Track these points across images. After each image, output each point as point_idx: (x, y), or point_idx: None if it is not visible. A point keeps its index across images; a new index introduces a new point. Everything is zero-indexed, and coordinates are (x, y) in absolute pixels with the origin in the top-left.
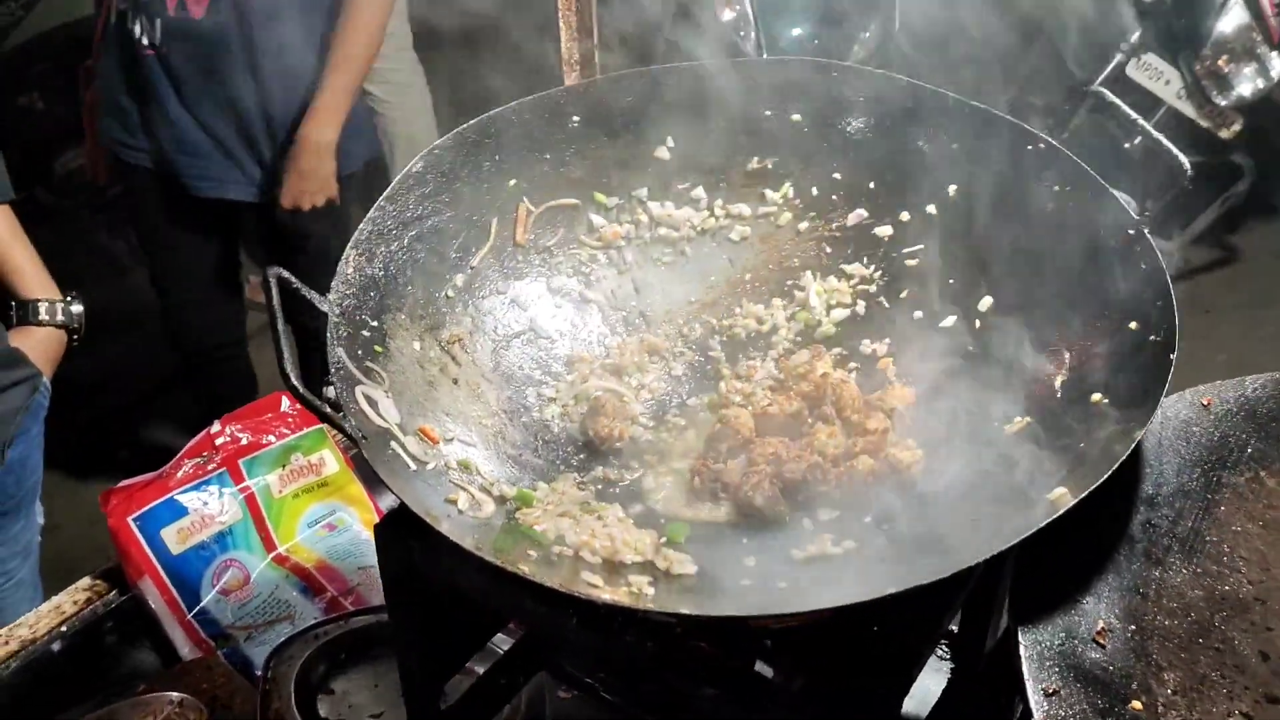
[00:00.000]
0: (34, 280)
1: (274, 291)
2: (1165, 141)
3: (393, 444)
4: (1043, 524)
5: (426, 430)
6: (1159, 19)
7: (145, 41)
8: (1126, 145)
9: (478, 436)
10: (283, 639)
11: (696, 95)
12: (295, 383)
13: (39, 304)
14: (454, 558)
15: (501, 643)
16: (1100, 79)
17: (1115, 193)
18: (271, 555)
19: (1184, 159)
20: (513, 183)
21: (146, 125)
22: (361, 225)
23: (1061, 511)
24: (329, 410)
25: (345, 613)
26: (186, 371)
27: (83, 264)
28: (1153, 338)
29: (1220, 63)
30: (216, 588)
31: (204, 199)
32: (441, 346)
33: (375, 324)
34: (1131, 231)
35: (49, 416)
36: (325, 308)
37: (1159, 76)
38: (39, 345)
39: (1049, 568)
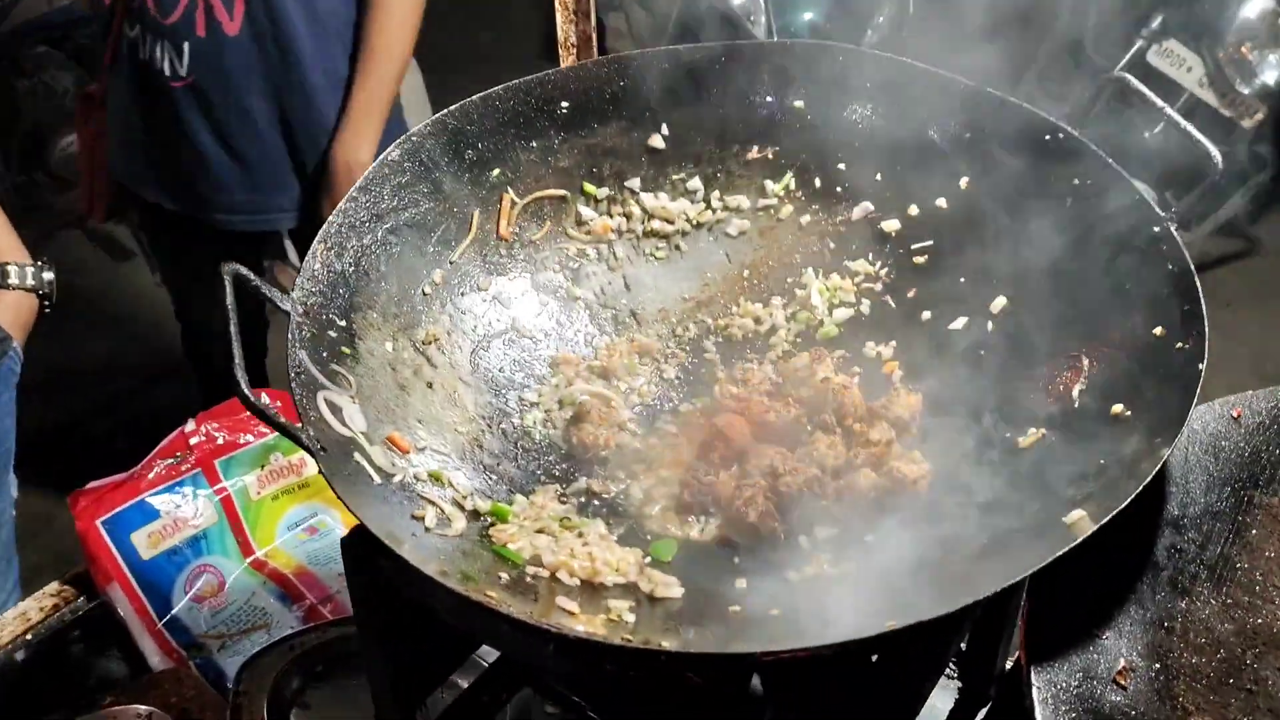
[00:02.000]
0: (3, 243)
1: (229, 290)
2: (1194, 131)
3: (356, 455)
4: (1060, 553)
5: (395, 439)
6: (1181, 4)
7: (169, 72)
8: (1146, 134)
9: (452, 445)
10: (257, 649)
11: (693, 80)
12: (245, 391)
13: (8, 267)
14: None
15: (487, 654)
16: (1120, 65)
17: (1139, 185)
18: (249, 560)
19: (1214, 150)
20: (496, 172)
21: (171, 163)
22: (331, 218)
23: (1081, 539)
24: (284, 421)
25: (323, 622)
26: (195, 368)
27: (83, 251)
28: (1180, 345)
29: (1244, 49)
30: (189, 595)
31: (236, 232)
32: (416, 347)
33: (343, 323)
34: (1157, 229)
35: (43, 401)
36: (287, 307)
37: (1181, 63)
38: (9, 310)
39: (1065, 597)
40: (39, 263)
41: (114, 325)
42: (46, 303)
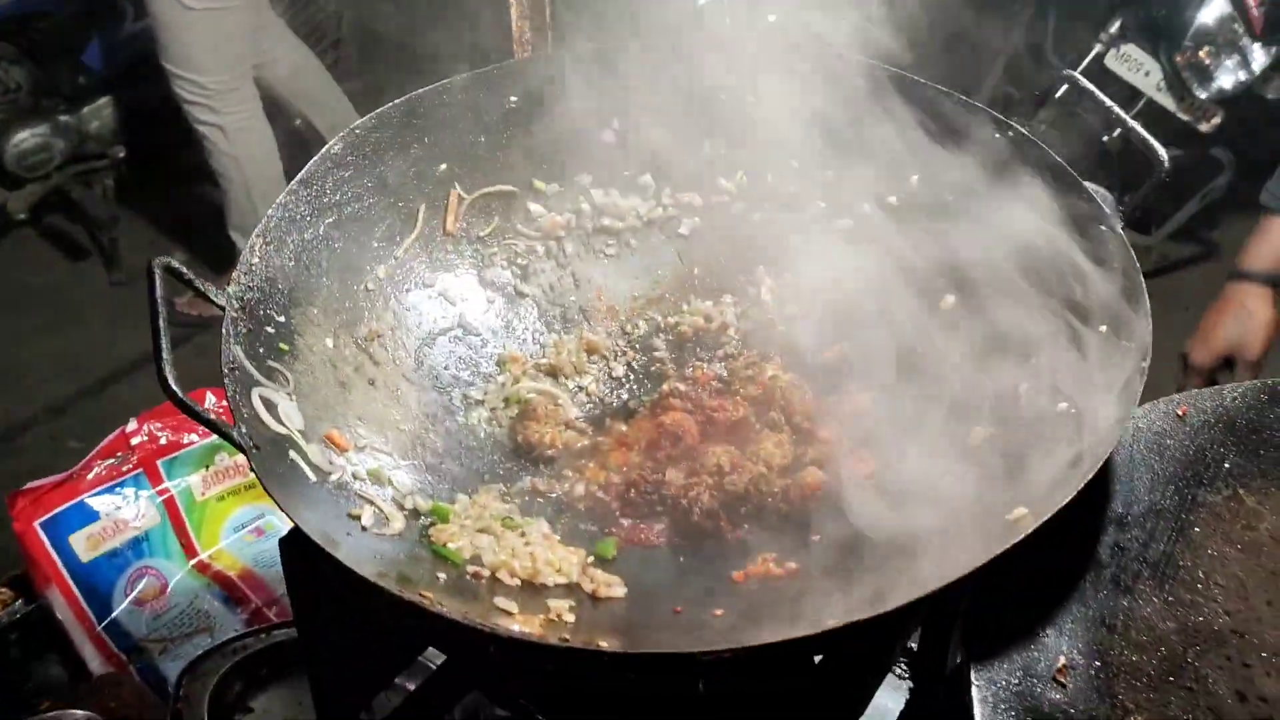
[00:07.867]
0: None
1: (157, 282)
2: (1141, 130)
3: (291, 453)
4: (1000, 551)
5: (334, 436)
6: (1139, 8)
7: None
8: (1105, 139)
9: (393, 443)
10: (199, 653)
11: (645, 74)
12: (174, 387)
13: None
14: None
15: (434, 656)
16: (1079, 69)
17: (1092, 187)
18: (192, 562)
19: (1161, 150)
20: (443, 167)
21: None
22: (270, 211)
23: (1021, 537)
24: (213, 417)
25: (267, 625)
26: None
27: (37, 249)
28: (1125, 343)
29: (1201, 54)
30: (130, 598)
31: None
32: (358, 344)
33: (281, 319)
34: (1104, 228)
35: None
36: (222, 301)
37: (1139, 68)
38: None
39: (1007, 595)
40: None
41: (67, 325)
42: None
